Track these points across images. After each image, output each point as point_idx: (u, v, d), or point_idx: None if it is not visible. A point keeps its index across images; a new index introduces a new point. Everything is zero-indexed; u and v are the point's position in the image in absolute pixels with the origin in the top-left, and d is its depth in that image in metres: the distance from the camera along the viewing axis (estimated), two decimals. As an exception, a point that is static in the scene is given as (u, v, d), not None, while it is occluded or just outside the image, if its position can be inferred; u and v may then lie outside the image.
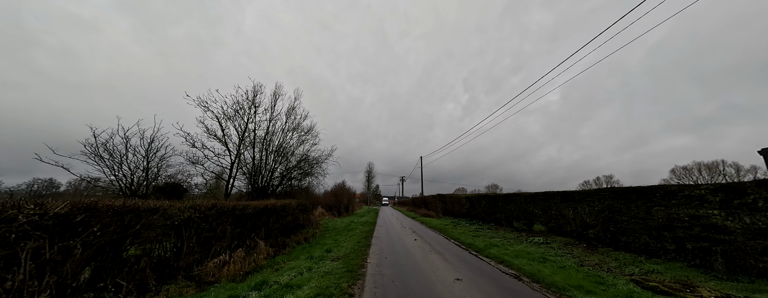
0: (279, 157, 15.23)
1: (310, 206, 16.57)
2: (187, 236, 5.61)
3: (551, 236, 8.85)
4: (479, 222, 14.40)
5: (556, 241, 8.19)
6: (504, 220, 12.27)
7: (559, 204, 8.44)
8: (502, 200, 12.10)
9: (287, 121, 15.77)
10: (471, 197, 15.92)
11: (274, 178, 15.31)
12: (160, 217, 4.97)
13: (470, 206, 16.14)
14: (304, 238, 11.66)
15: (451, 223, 15.81)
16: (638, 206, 5.85)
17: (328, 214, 21.59)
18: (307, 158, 16.25)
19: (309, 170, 16.68)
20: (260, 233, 8.86)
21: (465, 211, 16.93)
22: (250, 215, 8.38)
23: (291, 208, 11.86)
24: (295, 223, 13.51)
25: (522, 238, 9.27)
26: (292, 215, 12.15)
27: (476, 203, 15.23)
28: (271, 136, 15.17)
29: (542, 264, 5.87)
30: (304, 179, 17.29)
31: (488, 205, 13.68)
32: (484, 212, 14.27)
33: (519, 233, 10.25)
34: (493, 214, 13.25)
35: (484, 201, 13.95)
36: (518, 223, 11.40)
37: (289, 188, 16.57)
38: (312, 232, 13.46)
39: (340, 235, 11.94)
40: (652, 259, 5.52)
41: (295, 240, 10.88)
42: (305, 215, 15.35)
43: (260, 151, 15.04)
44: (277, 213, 10.34)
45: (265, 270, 6.30)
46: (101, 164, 11.42)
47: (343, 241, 9.78)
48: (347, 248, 8.29)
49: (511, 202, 11.32)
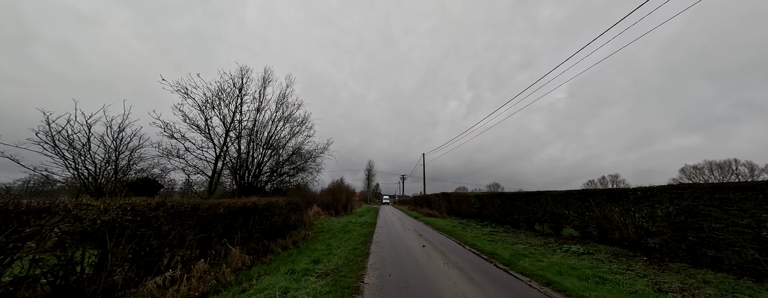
0: (268, 150, 13.64)
1: (304, 205, 15.01)
2: (113, 247, 4.02)
3: (590, 244, 7.26)
4: (492, 224, 12.81)
5: (599, 251, 6.59)
6: (523, 222, 10.69)
7: (604, 205, 6.83)
8: (522, 199, 10.51)
9: (278, 110, 14.18)
10: (482, 195, 14.34)
11: (262, 173, 13.72)
12: (61, 220, 3.39)
13: (481, 205, 14.55)
14: (293, 242, 10.10)
15: (459, 224, 14.23)
16: (744, 210, 4.25)
17: (325, 213, 20.04)
18: (300, 151, 14.64)
19: (302, 164, 15.08)
20: (236, 238, 7.29)
21: (474, 211, 15.34)
22: (222, 217, 6.80)
23: (278, 207, 10.30)
24: (285, 223, 11.95)
25: (552, 245, 7.68)
26: (280, 214, 10.59)
27: (488, 203, 13.64)
28: (260, 126, 13.58)
29: (603, 287, 4.29)
30: (297, 174, 15.71)
31: (503, 204, 12.09)
32: (497, 213, 12.68)
33: (545, 239, 8.66)
34: (508, 215, 11.67)
35: (499, 200, 12.36)
36: (541, 226, 9.82)
37: (280, 184, 14.99)
38: (303, 234, 11.91)
39: (335, 238, 10.37)
40: (765, 284, 3.95)
41: (281, 244, 9.32)
42: (297, 214, 13.79)
43: (247, 143, 13.45)
44: (260, 213, 8.77)
45: (229, 291, 4.72)
46: (58, 155, 9.86)
47: (336, 247, 8.20)
48: (340, 257, 6.71)
49: (534, 201, 9.73)
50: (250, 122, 13.66)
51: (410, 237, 9.92)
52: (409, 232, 11.48)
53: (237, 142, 13.32)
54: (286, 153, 14.40)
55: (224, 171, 13.87)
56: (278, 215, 10.39)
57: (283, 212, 11.11)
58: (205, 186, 14.19)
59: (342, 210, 24.06)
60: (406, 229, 12.60)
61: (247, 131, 13.36)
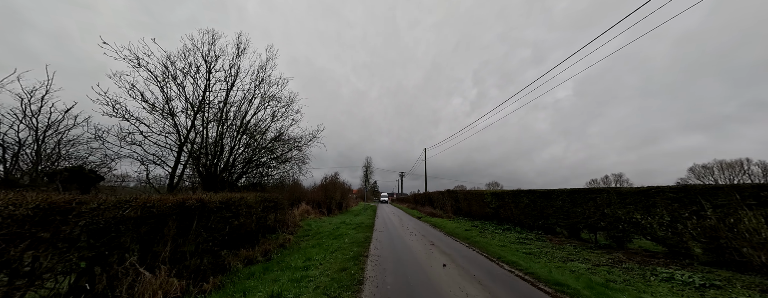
0: (243, 136, 11.13)
1: (287, 203, 12.55)
2: None
3: (695, 267, 4.89)
4: (516, 228, 10.45)
5: (729, 282, 4.21)
6: (564, 227, 8.33)
7: (730, 208, 4.46)
8: (565, 199, 8.12)
9: (256, 88, 11.64)
10: (501, 193, 11.97)
11: (235, 164, 11.22)
12: None
13: (499, 205, 12.18)
14: (264, 251, 7.66)
15: (473, 227, 11.88)
16: None
17: (315, 212, 17.61)
18: (283, 137, 12.14)
19: (286, 154, 12.58)
20: (163, 253, 4.83)
21: (490, 211, 12.98)
22: (136, 223, 4.34)
23: (246, 205, 7.83)
24: (260, 226, 9.50)
25: (628, 264, 5.32)
26: (250, 215, 8.13)
27: (509, 202, 11.27)
28: (233, 107, 11.05)
29: None
30: (279, 166, 13.21)
31: (533, 205, 9.72)
32: (523, 215, 10.31)
33: (609, 254, 6.29)
34: (540, 217, 9.30)
35: (526, 199, 9.98)
36: (591, 234, 7.47)
37: (260, 178, 12.49)
38: (283, 239, 9.46)
39: (320, 247, 7.95)
40: None
41: (246, 257, 6.88)
42: (278, 214, 11.35)
43: (218, 127, 10.92)
44: (213, 214, 6.30)
45: None
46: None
47: (317, 263, 5.77)
48: (318, 286, 4.27)
49: (586, 201, 7.33)
50: (220, 101, 11.13)
51: (419, 246, 7.51)
52: (416, 238, 9.07)
53: (203, 124, 10.78)
54: (265, 140, 11.88)
55: (191, 161, 11.37)
56: (246, 215, 7.93)
57: (256, 212, 8.66)
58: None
59: (336, 209, 21.63)
60: (411, 233, 10.20)
61: (217, 112, 10.83)
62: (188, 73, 10.78)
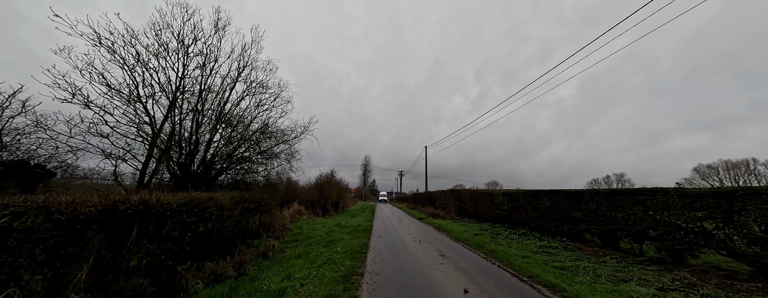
0: (222, 125, 9.74)
1: (275, 203, 11.18)
2: None
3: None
4: (534, 233, 9.16)
5: None
6: (598, 234, 7.03)
7: None
8: (601, 201, 6.79)
9: (239, 73, 10.23)
10: (515, 193, 10.65)
11: (215, 159, 9.83)
12: None
13: (512, 206, 10.87)
14: (238, 263, 6.34)
15: (481, 231, 10.59)
16: None
17: (308, 212, 16.27)
18: (269, 129, 10.75)
19: (273, 148, 11.20)
20: (78, 275, 3.48)
21: (501, 213, 11.68)
22: (26, 235, 2.98)
23: (217, 207, 6.46)
24: (241, 230, 8.16)
25: (709, 291, 4.02)
26: (221, 219, 6.77)
27: (526, 203, 9.98)
28: (209, 93, 9.65)
29: None
30: (267, 162, 11.84)
31: (555, 207, 8.42)
32: (542, 218, 9.02)
33: (666, 271, 5.00)
34: (566, 222, 8.00)
35: (548, 200, 8.67)
36: (634, 244, 6.17)
37: (244, 175, 11.12)
38: (267, 246, 8.13)
39: (307, 258, 6.62)
40: None
41: (212, 271, 5.56)
42: (263, 216, 10.00)
43: (193, 117, 9.52)
44: (169, 220, 4.94)
45: None
46: None
47: (293, 291, 4.42)
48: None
49: (632, 204, 5.96)
50: (197, 87, 9.73)
51: (427, 258, 6.19)
52: (421, 246, 7.75)
53: (178, 113, 9.38)
54: (249, 132, 10.49)
55: (171, 155, 9.97)
56: (218, 219, 6.56)
57: (232, 215, 7.31)
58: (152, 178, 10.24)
59: (331, 209, 20.30)
60: (415, 239, 8.87)
61: (191, 98, 9.43)
62: (159, 55, 9.38)
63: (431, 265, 5.60)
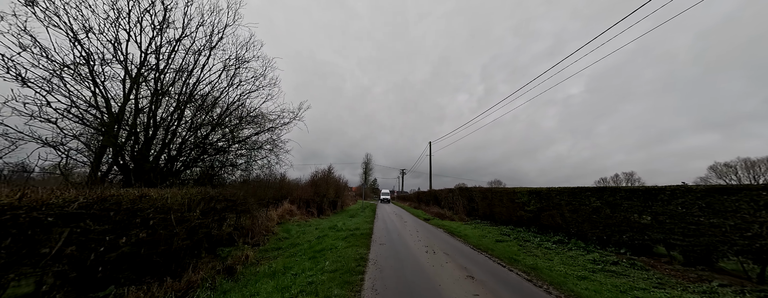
0: (189, 107, 7.94)
1: (255, 203, 9.38)
2: None
3: None
4: (574, 240, 7.32)
5: None
6: (683, 248, 5.16)
7: None
8: (691, 203, 4.82)
9: (213, 48, 8.40)
10: (547, 191, 8.78)
11: (183, 149, 8.03)
12: None
13: (541, 207, 9.03)
14: (184, 287, 4.55)
15: (502, 236, 8.79)
16: None
17: (301, 212, 14.49)
18: (248, 112, 8.93)
19: (254, 136, 9.39)
20: None
21: (526, 215, 9.84)
22: None
23: (159, 210, 4.67)
24: (205, 236, 6.39)
25: None
26: (166, 226, 4.96)
27: (560, 203, 8.14)
28: (176, 73, 7.84)
29: None
30: (251, 154, 10.04)
31: (607, 209, 6.57)
32: (588, 222, 7.17)
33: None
34: (624, 228, 6.15)
35: (598, 200, 6.78)
36: (741, 263, 4.34)
37: (217, 169, 9.31)
38: (238, 257, 6.34)
39: (283, 279, 4.82)
40: None
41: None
42: (240, 218, 8.22)
43: (152, 94, 7.71)
44: (61, 229, 3.17)
45: None
46: None
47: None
48: None
49: (755, 208, 4.07)
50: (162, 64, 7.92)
51: (449, 281, 4.37)
52: (436, 259, 5.93)
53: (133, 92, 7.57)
54: (225, 116, 8.69)
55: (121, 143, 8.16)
56: (163, 225, 4.78)
57: (187, 219, 5.52)
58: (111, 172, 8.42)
59: (328, 208, 18.53)
60: (426, 248, 7.05)
61: (157, 75, 7.62)
62: (119, 25, 7.57)
63: (460, 296, 3.78)
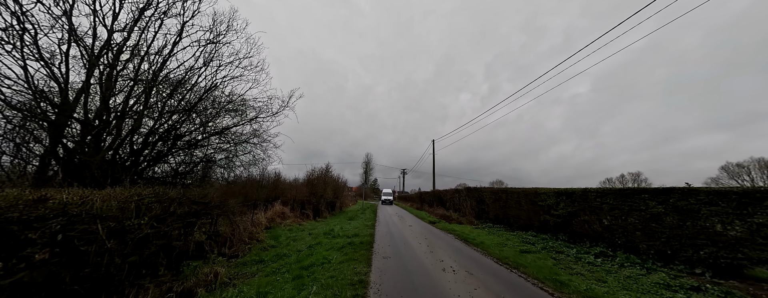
0: (152, 88, 6.55)
1: (236, 204, 7.99)
2: None
3: None
4: (622, 254, 5.95)
5: None
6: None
7: None
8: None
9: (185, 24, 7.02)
10: (582, 193, 7.38)
11: (149, 140, 6.65)
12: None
13: (573, 211, 7.66)
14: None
15: (525, 244, 7.45)
16: None
17: (295, 215, 13.12)
18: (222, 94, 7.55)
19: (236, 127, 8.01)
20: None
21: (552, 220, 8.47)
22: None
23: (63, 217, 3.32)
24: (159, 250, 5.01)
25: None
26: (89, 239, 3.60)
27: (600, 206, 6.77)
28: (126, 35, 6.44)
29: None
30: (237, 149, 8.66)
31: (677, 216, 5.19)
32: (643, 232, 5.79)
33: None
34: (702, 242, 4.78)
35: (659, 204, 5.39)
36: None
37: (191, 166, 7.93)
38: (202, 277, 4.93)
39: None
40: None
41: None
42: (213, 225, 6.86)
43: (109, 70, 6.33)
44: None
45: None
46: None
47: None
48: None
49: None
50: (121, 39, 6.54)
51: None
52: (462, 282, 4.56)
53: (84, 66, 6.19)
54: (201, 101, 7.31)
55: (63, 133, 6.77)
56: (86, 238, 3.43)
57: (128, 229, 4.15)
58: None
59: (326, 210, 17.17)
60: (442, 263, 5.67)
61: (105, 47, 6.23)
62: None
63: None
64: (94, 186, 5.36)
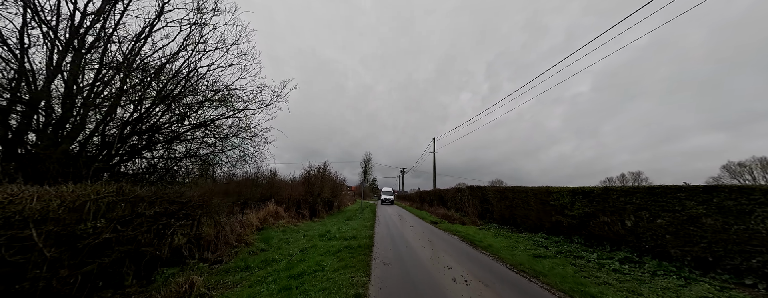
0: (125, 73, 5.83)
1: (229, 205, 7.30)
2: None
3: None
4: (648, 259, 5.32)
5: None
6: None
7: None
8: None
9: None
10: (603, 191, 6.71)
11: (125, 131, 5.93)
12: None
13: (590, 212, 7.01)
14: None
15: (538, 248, 6.82)
16: None
17: (290, 215, 12.43)
18: (205, 81, 6.83)
19: (222, 119, 7.29)
20: None
21: (566, 221, 7.82)
22: None
23: None
24: (114, 254, 4.27)
25: None
26: (25, 249, 2.92)
27: (624, 206, 6.12)
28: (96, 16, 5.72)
29: None
30: (224, 144, 7.95)
31: (720, 217, 4.54)
32: (676, 235, 5.14)
33: None
34: (751, 249, 4.14)
35: (699, 205, 4.75)
36: None
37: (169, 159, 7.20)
38: (175, 289, 4.27)
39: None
40: None
41: None
42: (196, 227, 6.17)
43: (65, 48, 5.61)
44: None
45: None
46: None
47: None
48: None
49: None
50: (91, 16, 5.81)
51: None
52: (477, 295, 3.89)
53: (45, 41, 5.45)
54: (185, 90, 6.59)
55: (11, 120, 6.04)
56: (16, 247, 2.77)
57: (82, 234, 3.46)
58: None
59: (323, 209, 16.48)
60: (451, 270, 5.01)
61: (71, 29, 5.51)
62: None
63: None
64: (53, 184, 4.66)
